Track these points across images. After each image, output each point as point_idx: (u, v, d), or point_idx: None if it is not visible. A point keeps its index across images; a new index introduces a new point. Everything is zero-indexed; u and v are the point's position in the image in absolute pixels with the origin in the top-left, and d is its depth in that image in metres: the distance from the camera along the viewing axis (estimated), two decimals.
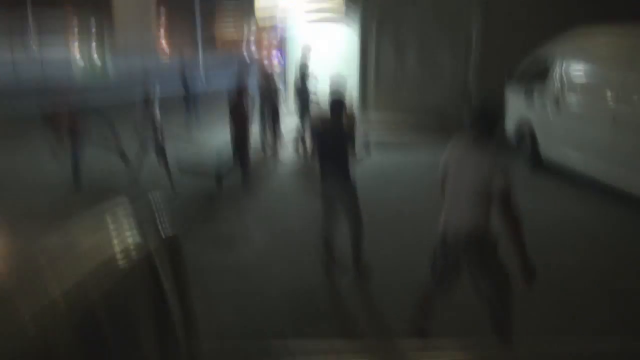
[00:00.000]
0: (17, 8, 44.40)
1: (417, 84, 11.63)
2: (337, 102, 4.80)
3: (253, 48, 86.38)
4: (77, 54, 46.41)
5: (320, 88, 9.67)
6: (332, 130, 4.75)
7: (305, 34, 14.05)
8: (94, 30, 57.10)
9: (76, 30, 56.53)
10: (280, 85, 10.67)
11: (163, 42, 70.20)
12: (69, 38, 59.49)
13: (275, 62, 16.85)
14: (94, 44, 56.73)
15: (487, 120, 3.33)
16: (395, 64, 11.65)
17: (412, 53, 11.53)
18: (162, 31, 70.14)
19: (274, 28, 15.13)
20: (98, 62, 44.75)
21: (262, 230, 6.34)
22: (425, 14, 11.26)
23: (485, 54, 10.87)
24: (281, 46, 14.80)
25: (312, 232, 5.28)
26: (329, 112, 4.82)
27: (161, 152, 7.73)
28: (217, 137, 10.44)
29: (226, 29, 66.63)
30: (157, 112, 7.54)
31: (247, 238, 6.08)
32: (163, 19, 69.84)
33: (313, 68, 10.06)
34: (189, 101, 12.41)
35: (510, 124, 9.11)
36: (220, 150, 8.51)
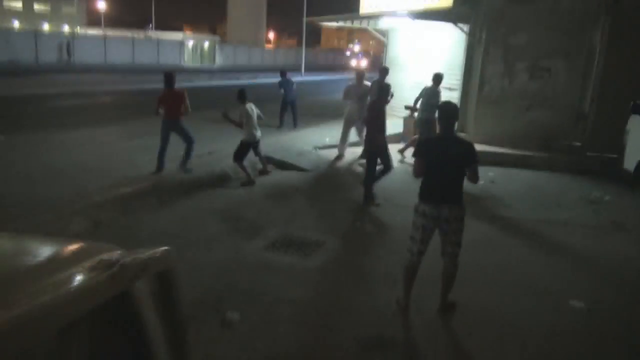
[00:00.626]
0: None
1: (526, 99, 10.67)
2: (452, 114, 4.33)
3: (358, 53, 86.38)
4: (190, 40, 49.13)
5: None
6: (446, 146, 4.24)
7: (410, 34, 13.49)
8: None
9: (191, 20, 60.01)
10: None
11: (270, 36, 72.60)
12: (184, 26, 63.44)
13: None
14: (207, 34, 60.07)
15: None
16: (502, 75, 10.72)
17: (523, 63, 10.55)
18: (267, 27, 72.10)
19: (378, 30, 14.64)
20: (207, 49, 47.27)
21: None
22: (543, 18, 10.24)
23: (609, 71, 9.73)
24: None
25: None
26: (442, 126, 4.35)
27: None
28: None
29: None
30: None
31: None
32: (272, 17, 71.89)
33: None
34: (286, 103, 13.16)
35: (632, 158, 8.11)
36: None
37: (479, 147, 10.31)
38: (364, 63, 48.43)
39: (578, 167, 9.64)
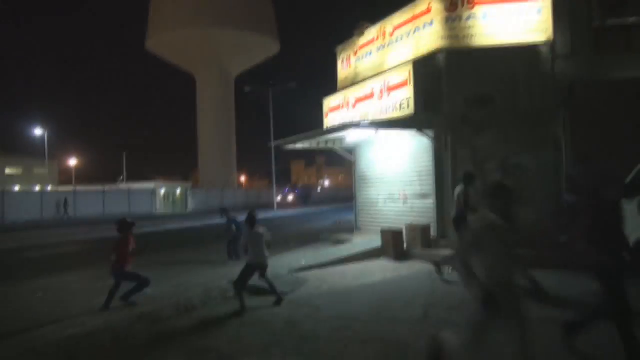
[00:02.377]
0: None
1: None
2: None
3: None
4: (162, 188, 49.57)
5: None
6: None
7: (377, 148, 13.56)
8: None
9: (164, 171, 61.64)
10: None
11: (242, 180, 74.38)
12: (155, 175, 64.76)
13: None
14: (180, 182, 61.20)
15: None
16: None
17: (493, 163, 10.49)
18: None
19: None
20: (179, 196, 47.57)
21: None
22: (504, 117, 10.39)
23: (580, 158, 9.68)
24: None
25: None
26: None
27: None
28: None
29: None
30: None
31: None
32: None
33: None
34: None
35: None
36: None
37: None
38: (290, 197, 54.95)
39: (567, 263, 9.08)
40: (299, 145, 13.92)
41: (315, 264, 10.58)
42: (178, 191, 49.79)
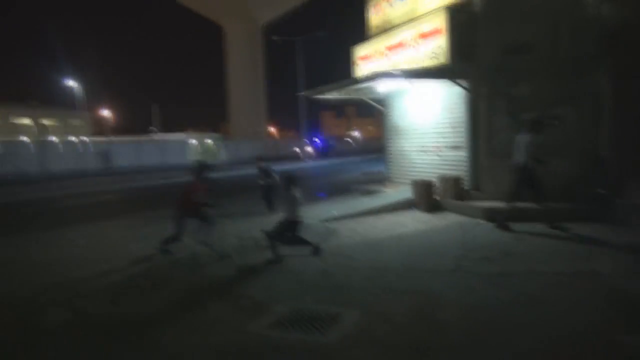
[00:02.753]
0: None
1: (538, 149, 10.15)
2: None
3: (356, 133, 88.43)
4: (192, 139, 50.13)
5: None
6: None
7: (408, 98, 13.28)
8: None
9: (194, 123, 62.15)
10: None
11: (270, 128, 74.44)
12: (187, 129, 65.45)
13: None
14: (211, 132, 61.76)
15: None
16: (509, 127, 10.28)
17: (529, 114, 10.15)
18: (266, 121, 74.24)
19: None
20: (212, 146, 48.11)
21: None
22: (542, 67, 9.96)
23: (621, 113, 9.29)
24: None
25: None
26: None
27: None
28: None
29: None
30: None
31: None
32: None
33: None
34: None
35: None
36: None
37: (495, 203, 9.81)
38: (308, 149, 51.19)
39: (605, 216, 8.89)
40: (329, 96, 13.71)
41: (346, 214, 10.65)
42: (209, 142, 50.28)
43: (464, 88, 10.57)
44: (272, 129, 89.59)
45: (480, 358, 4.07)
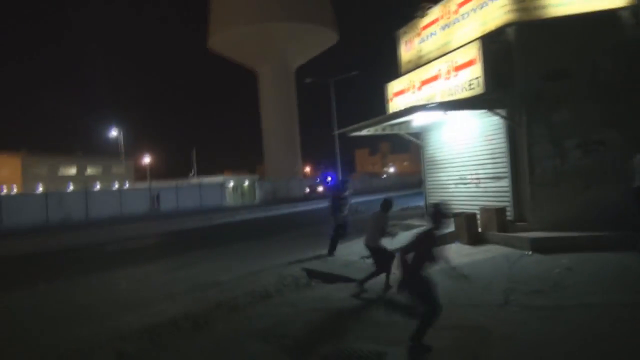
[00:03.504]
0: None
1: (583, 177, 9.81)
2: None
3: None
4: (230, 181, 50.92)
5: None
6: None
7: (445, 130, 13.14)
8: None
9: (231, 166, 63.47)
10: None
11: (307, 170, 75.12)
12: (225, 171, 66.76)
13: None
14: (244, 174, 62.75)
15: None
16: (552, 155, 10.00)
17: (572, 140, 9.87)
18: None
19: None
20: (247, 187, 48.75)
21: None
22: (583, 91, 9.72)
23: None
24: None
25: None
26: None
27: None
28: None
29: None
30: None
31: None
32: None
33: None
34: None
35: None
36: None
37: (542, 234, 9.44)
38: (319, 189, 45.92)
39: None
40: (364, 132, 13.72)
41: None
42: (246, 183, 50.97)
43: (503, 117, 10.39)
44: (308, 168, 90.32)
45: None
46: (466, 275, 7.61)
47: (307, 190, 47.32)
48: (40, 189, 44.78)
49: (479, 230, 10.78)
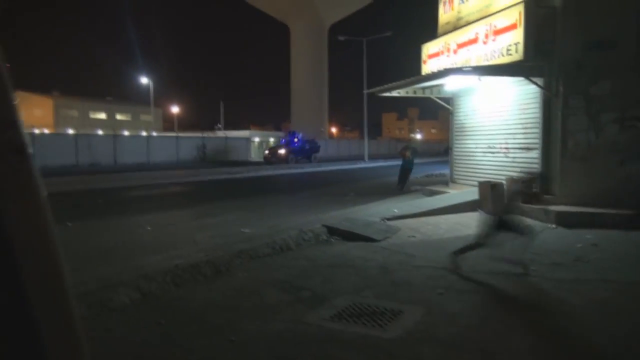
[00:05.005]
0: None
1: (618, 152, 9.53)
2: None
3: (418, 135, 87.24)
4: (256, 137, 51.05)
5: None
6: None
7: (477, 96, 12.84)
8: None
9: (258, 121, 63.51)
10: None
11: (332, 131, 74.68)
12: (251, 126, 66.84)
13: None
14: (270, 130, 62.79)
15: None
16: (587, 128, 9.71)
17: (610, 114, 9.54)
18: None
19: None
20: (272, 144, 48.81)
21: None
22: (627, 64, 9.33)
23: None
24: None
25: None
26: None
27: None
28: None
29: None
30: None
31: None
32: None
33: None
34: None
35: None
36: None
37: (568, 208, 9.29)
38: (281, 151, 36.30)
39: None
40: (394, 93, 13.50)
41: (408, 213, 10.43)
42: (271, 140, 51.08)
43: (539, 86, 10.07)
44: (334, 129, 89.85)
45: None
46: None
47: (267, 152, 37.94)
48: (71, 131, 45.67)
49: (504, 200, 10.65)
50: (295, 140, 37.40)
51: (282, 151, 36.41)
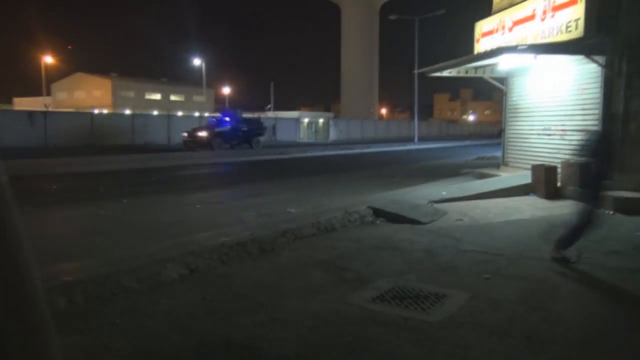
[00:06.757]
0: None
1: None
2: None
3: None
4: (305, 117, 51.19)
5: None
6: None
7: (532, 76, 12.32)
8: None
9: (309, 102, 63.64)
10: None
11: (382, 112, 73.88)
12: (301, 107, 67.02)
13: None
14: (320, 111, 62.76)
15: None
16: None
17: None
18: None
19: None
20: (321, 125, 48.83)
21: None
22: None
23: None
24: None
25: None
26: None
27: None
28: None
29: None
30: None
31: None
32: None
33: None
34: None
35: None
36: None
37: (627, 194, 8.81)
38: (201, 133, 27.81)
39: None
40: (446, 73, 13.14)
41: (457, 196, 10.22)
42: (320, 121, 51.08)
43: (600, 65, 9.54)
44: (384, 110, 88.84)
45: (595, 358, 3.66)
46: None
47: (185, 135, 28.84)
48: (128, 111, 47.25)
49: (558, 184, 10.26)
50: (227, 119, 29.50)
51: (202, 134, 27.86)
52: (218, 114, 30.89)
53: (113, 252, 6.17)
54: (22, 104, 58.41)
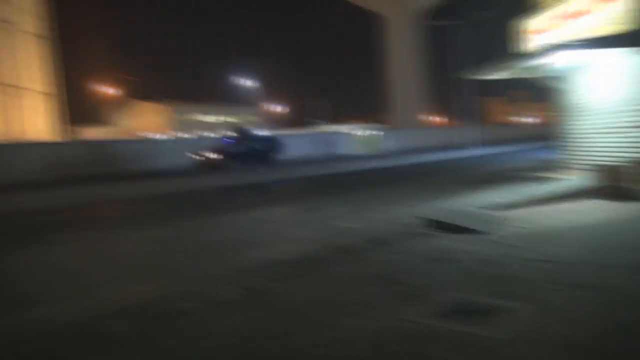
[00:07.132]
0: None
1: None
2: None
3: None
4: (356, 130, 51.21)
5: None
6: None
7: (590, 72, 11.76)
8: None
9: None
10: None
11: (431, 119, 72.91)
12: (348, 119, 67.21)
13: None
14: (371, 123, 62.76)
15: None
16: None
17: None
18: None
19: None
20: (372, 137, 48.64)
21: None
22: None
23: None
24: None
25: None
26: None
27: None
28: None
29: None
30: None
31: None
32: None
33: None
34: None
35: None
36: None
37: None
38: (212, 155, 26.82)
39: None
40: (494, 76, 12.76)
41: (513, 202, 9.84)
42: (371, 133, 50.89)
43: None
44: (437, 118, 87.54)
45: None
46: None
47: (194, 157, 27.53)
48: (187, 135, 49.01)
49: (626, 185, 9.68)
50: (234, 139, 28.65)
51: (213, 156, 27.07)
52: (232, 133, 29.81)
53: (169, 273, 6.32)
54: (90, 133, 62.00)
